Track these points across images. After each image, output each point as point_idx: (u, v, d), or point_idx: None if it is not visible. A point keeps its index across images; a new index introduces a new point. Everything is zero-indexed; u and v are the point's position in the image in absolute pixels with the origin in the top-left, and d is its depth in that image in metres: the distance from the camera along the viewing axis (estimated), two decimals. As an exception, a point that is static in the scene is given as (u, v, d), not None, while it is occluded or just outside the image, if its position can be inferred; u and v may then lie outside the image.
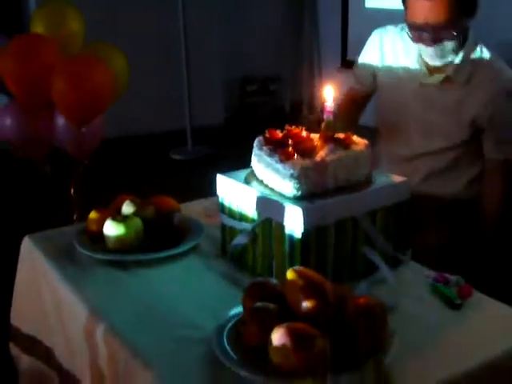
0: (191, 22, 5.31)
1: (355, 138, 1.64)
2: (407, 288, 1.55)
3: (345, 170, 1.55)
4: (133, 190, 1.93)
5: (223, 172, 1.71)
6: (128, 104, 4.42)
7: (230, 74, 6.08)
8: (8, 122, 2.79)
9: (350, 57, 5.82)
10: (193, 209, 1.98)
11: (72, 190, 2.86)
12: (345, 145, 1.59)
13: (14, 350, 1.92)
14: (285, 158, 1.53)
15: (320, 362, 0.96)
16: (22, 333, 1.88)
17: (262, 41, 6.17)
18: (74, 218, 2.74)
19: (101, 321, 1.43)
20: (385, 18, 2.88)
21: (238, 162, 1.84)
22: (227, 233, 1.70)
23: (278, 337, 1.15)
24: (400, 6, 2.18)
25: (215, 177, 1.71)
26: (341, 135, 1.62)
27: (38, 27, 2.79)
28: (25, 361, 1.89)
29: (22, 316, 1.89)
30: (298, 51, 6.34)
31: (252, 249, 1.62)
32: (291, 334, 1.14)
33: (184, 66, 5.31)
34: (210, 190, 1.86)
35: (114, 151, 4.88)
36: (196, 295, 1.54)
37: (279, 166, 1.52)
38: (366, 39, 2.43)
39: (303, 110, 6.26)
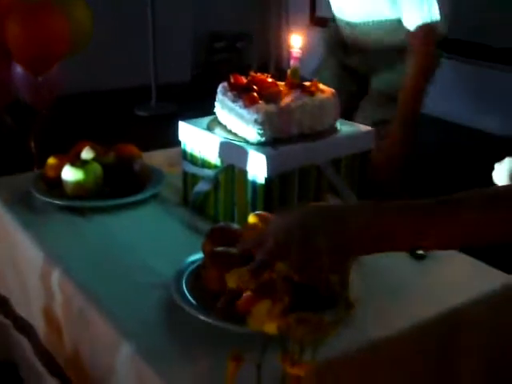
0: (158, -26, 5.19)
1: (321, 86, 1.61)
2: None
3: (310, 117, 1.53)
4: (95, 143, 1.87)
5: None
6: (92, 58, 4.32)
7: (197, 30, 5.97)
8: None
9: (318, 14, 5.76)
10: (155, 158, 1.93)
11: (31, 141, 2.79)
12: (311, 92, 1.56)
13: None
14: (249, 103, 1.48)
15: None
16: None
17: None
18: (34, 168, 2.67)
19: (57, 266, 1.39)
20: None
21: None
22: (189, 180, 1.66)
23: (237, 279, 1.12)
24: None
25: (179, 133, 1.67)
26: (307, 82, 1.59)
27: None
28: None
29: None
30: (266, 8, 6.25)
31: (214, 196, 1.58)
32: (252, 276, 1.11)
33: (150, 20, 5.19)
34: (173, 146, 1.83)
35: (78, 106, 4.79)
36: (155, 242, 1.50)
37: (243, 112, 1.48)
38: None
39: (270, 68, 6.19)
